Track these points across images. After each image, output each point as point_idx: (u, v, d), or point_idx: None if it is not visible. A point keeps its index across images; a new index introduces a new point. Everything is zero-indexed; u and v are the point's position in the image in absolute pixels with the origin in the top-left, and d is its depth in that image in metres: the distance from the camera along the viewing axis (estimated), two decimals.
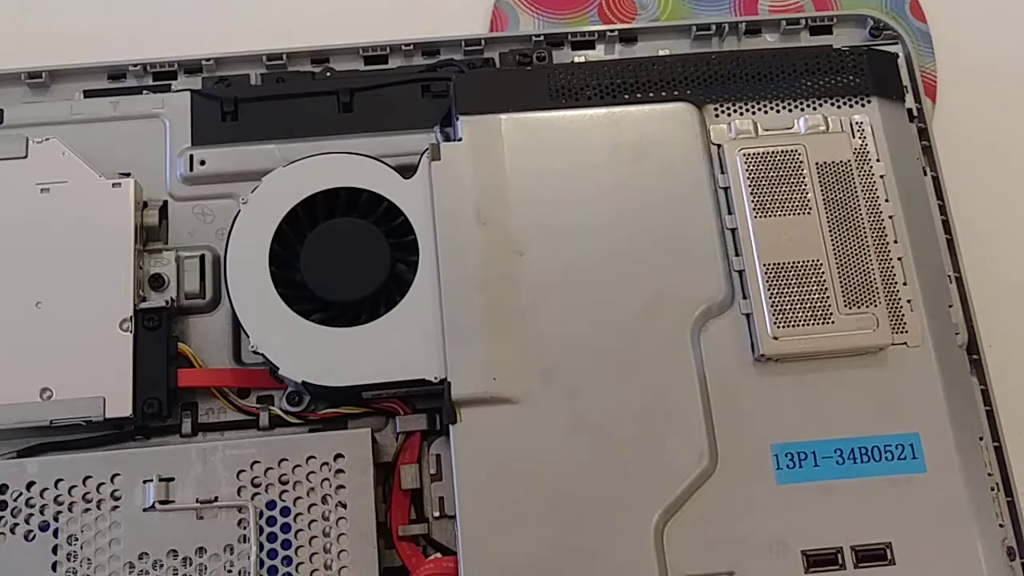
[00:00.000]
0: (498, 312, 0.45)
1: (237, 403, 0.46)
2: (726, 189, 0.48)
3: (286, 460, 0.43)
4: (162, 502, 0.42)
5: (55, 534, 0.42)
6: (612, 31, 0.55)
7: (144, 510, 0.42)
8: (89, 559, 0.42)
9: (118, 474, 0.43)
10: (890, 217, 0.48)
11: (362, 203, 0.47)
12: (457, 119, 0.48)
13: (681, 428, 0.44)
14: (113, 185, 0.47)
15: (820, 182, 0.47)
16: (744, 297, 0.46)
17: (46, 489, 0.43)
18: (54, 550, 0.42)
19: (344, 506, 0.43)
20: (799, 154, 0.48)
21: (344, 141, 0.50)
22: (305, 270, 0.46)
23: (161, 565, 0.42)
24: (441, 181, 0.47)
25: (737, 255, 0.47)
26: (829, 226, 0.47)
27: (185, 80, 0.54)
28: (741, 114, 0.50)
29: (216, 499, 0.42)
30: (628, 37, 0.56)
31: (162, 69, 0.54)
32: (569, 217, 0.47)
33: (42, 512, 0.42)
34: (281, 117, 0.51)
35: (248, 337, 0.45)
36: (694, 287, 0.46)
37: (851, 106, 0.50)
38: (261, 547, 0.42)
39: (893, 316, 0.46)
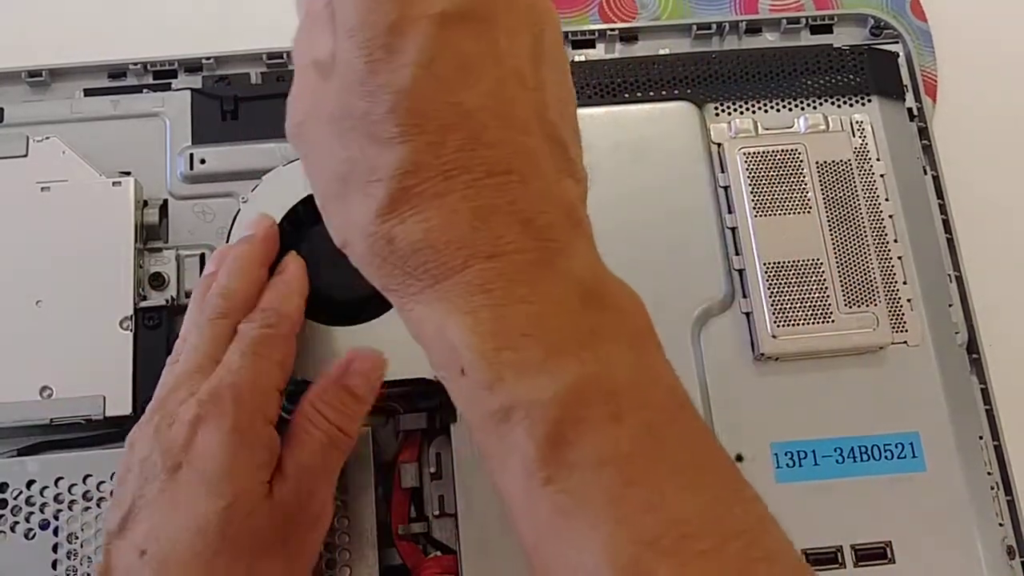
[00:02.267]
0: None
1: None
2: (726, 188, 0.48)
3: None
4: None
5: (55, 532, 0.42)
6: (612, 30, 0.55)
7: None
8: (89, 557, 0.42)
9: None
10: (890, 216, 0.48)
11: None
12: None
13: None
14: (113, 184, 0.47)
15: (820, 181, 0.47)
16: (744, 296, 0.46)
17: (46, 487, 0.43)
18: (54, 548, 0.42)
19: (344, 505, 0.43)
20: (799, 153, 0.48)
21: None
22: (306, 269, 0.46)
23: None
24: None
25: (737, 254, 0.47)
26: (829, 225, 0.47)
27: (185, 79, 0.54)
28: (741, 113, 0.50)
29: None
30: (628, 36, 0.56)
31: (162, 68, 0.54)
32: None
33: (42, 511, 0.42)
34: (282, 116, 0.50)
35: None
36: (694, 286, 0.46)
37: (851, 105, 0.50)
38: None
39: (893, 315, 0.46)
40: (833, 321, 0.45)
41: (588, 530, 0.26)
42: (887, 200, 0.48)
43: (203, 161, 0.50)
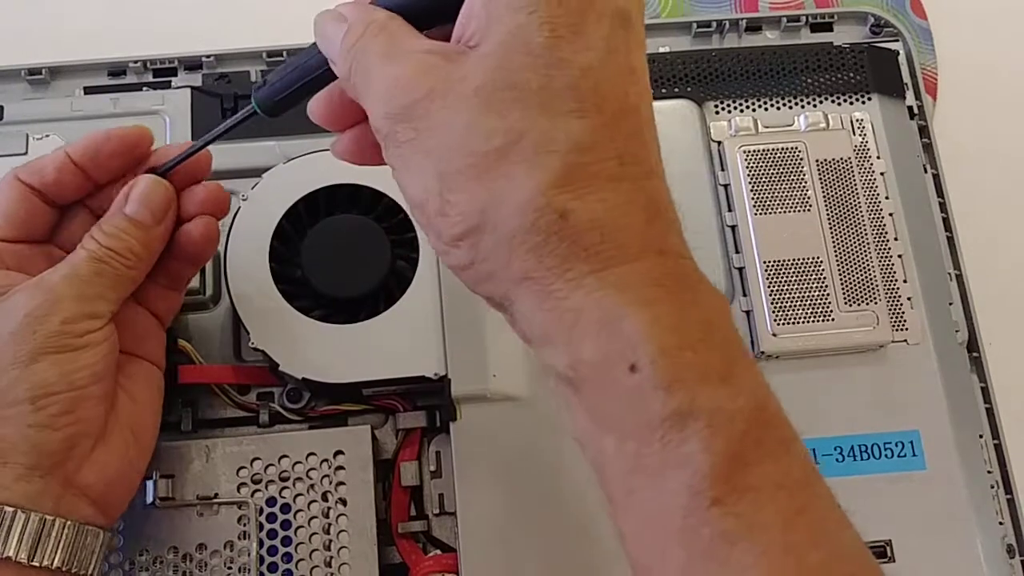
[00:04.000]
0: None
1: (237, 400, 0.46)
2: (726, 186, 0.48)
3: (286, 457, 0.43)
4: (163, 499, 0.42)
5: None
6: None
7: (145, 507, 0.42)
8: None
9: None
10: (890, 214, 0.48)
11: (363, 199, 0.47)
12: None
13: None
14: None
15: (820, 179, 0.47)
16: (744, 294, 0.46)
17: None
18: None
19: (344, 503, 0.43)
20: (799, 151, 0.48)
21: None
22: (306, 266, 0.46)
23: (161, 562, 0.42)
24: None
25: (737, 252, 0.47)
26: (829, 223, 0.47)
27: (185, 77, 0.54)
28: (741, 111, 0.50)
29: (216, 496, 0.42)
30: None
31: (162, 66, 0.54)
32: None
33: None
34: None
35: (248, 334, 0.45)
36: None
37: (851, 103, 0.50)
38: (261, 544, 0.42)
39: (893, 313, 0.46)
40: (833, 319, 0.45)
41: (755, 557, 0.25)
42: (887, 198, 0.48)
43: None
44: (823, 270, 0.46)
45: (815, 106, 0.50)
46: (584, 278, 0.26)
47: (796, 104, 0.50)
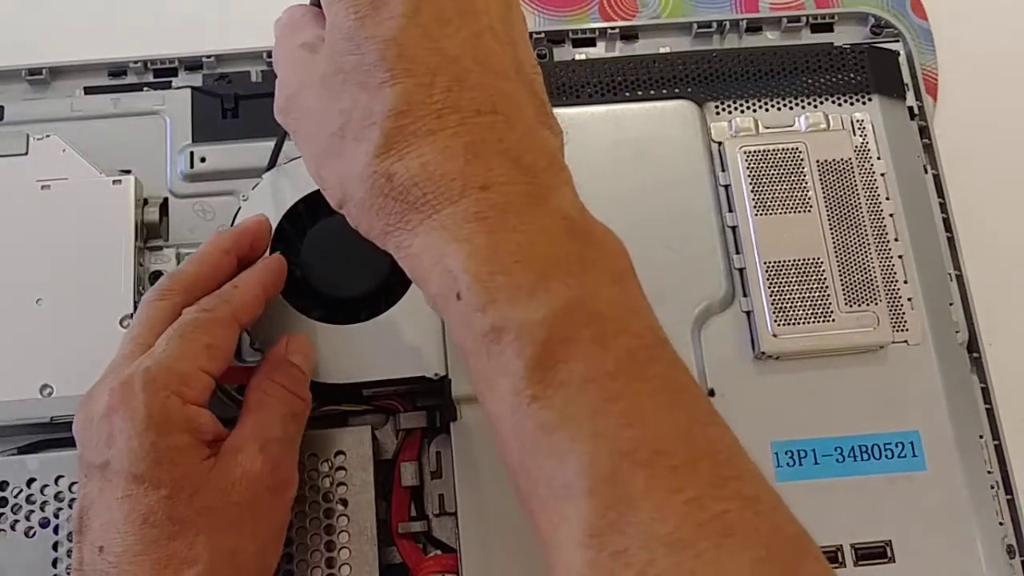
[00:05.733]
0: None
1: (238, 400, 0.46)
2: (727, 187, 0.48)
3: None
4: None
5: (55, 531, 0.42)
6: (613, 28, 0.55)
7: None
8: None
9: None
10: (891, 215, 0.48)
11: None
12: None
13: None
14: (113, 182, 0.47)
15: (821, 180, 0.47)
16: (744, 295, 0.46)
17: (47, 486, 0.43)
18: (54, 547, 0.42)
19: (344, 503, 0.43)
20: (800, 152, 0.48)
21: None
22: (306, 267, 0.46)
23: None
24: None
25: (738, 253, 0.47)
26: (830, 224, 0.47)
27: (186, 77, 0.54)
28: (742, 112, 0.50)
29: None
30: (629, 34, 0.56)
31: (163, 66, 0.54)
32: None
33: (43, 509, 0.42)
34: None
35: (249, 335, 0.44)
36: (694, 284, 0.46)
37: (852, 104, 0.50)
38: None
39: (893, 314, 0.46)
40: (833, 320, 0.45)
41: (569, 443, 0.28)
42: (888, 199, 0.48)
43: (203, 159, 0.50)
44: (823, 271, 0.46)
45: (816, 107, 0.50)
46: (418, 227, 0.30)
47: (797, 105, 0.50)
